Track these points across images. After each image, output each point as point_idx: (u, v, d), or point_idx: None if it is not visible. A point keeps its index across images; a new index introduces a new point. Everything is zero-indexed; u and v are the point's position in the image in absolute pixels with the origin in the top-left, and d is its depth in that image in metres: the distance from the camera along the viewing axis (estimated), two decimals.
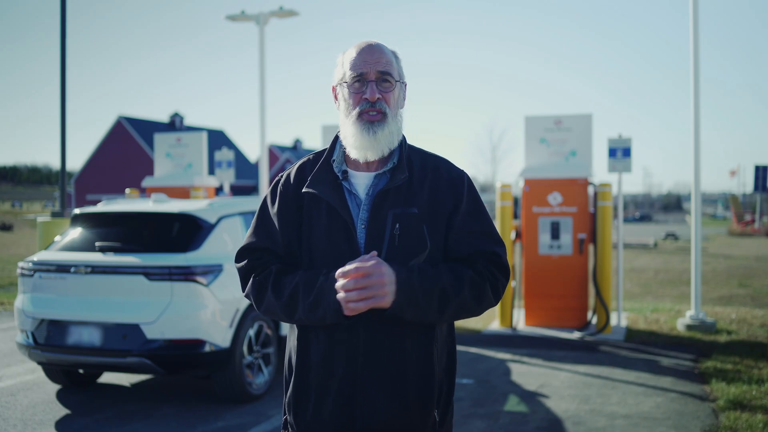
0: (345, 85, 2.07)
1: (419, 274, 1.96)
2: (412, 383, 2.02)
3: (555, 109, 60.43)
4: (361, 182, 2.09)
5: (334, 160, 2.13)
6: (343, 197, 2.07)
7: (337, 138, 2.18)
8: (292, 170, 2.18)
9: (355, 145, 2.05)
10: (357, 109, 2.05)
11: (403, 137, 2.15)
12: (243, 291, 2.17)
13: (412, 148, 2.17)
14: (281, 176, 2.20)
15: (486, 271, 2.06)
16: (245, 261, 2.16)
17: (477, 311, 2.06)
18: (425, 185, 2.09)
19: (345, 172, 2.10)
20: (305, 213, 2.09)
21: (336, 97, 2.15)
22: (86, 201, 49.62)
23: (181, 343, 5.58)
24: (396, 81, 2.08)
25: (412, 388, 2.02)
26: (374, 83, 2.04)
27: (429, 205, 2.06)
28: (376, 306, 1.91)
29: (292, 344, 2.13)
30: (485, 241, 2.09)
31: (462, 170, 2.18)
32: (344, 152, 2.13)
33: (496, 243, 2.11)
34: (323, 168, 2.12)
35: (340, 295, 1.90)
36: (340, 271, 1.92)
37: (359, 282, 1.88)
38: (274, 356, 6.34)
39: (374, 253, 1.93)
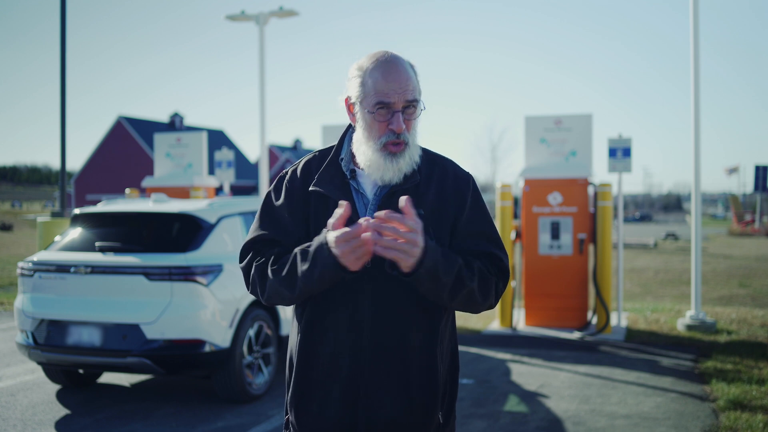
0: (367, 110, 1.99)
1: (442, 250, 1.92)
2: (417, 384, 2.02)
3: (555, 109, 60.45)
4: (369, 182, 2.08)
5: (342, 159, 2.11)
6: (351, 197, 2.06)
7: (344, 136, 2.15)
8: (298, 167, 2.16)
9: (376, 170, 2.02)
10: (383, 139, 1.99)
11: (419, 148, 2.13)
12: (247, 286, 2.11)
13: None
14: (286, 173, 2.17)
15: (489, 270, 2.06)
16: (249, 254, 2.10)
17: (480, 305, 2.04)
18: (432, 187, 2.08)
19: (353, 172, 2.09)
20: (312, 211, 2.07)
21: (350, 109, 2.07)
22: (86, 201, 49.62)
23: (181, 343, 5.57)
24: (420, 107, 2.03)
25: (417, 389, 2.02)
26: (401, 113, 1.98)
27: (435, 207, 2.06)
28: (398, 260, 1.82)
29: (294, 343, 2.12)
30: (487, 244, 2.09)
31: (467, 172, 2.17)
32: (352, 151, 2.11)
33: (497, 247, 2.10)
34: (331, 166, 2.10)
35: (367, 234, 1.82)
36: (373, 219, 1.83)
37: (397, 231, 1.81)
38: (274, 356, 6.34)
39: (347, 207, 1.86)
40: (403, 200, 1.84)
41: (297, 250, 1.98)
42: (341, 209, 1.87)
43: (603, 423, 5.48)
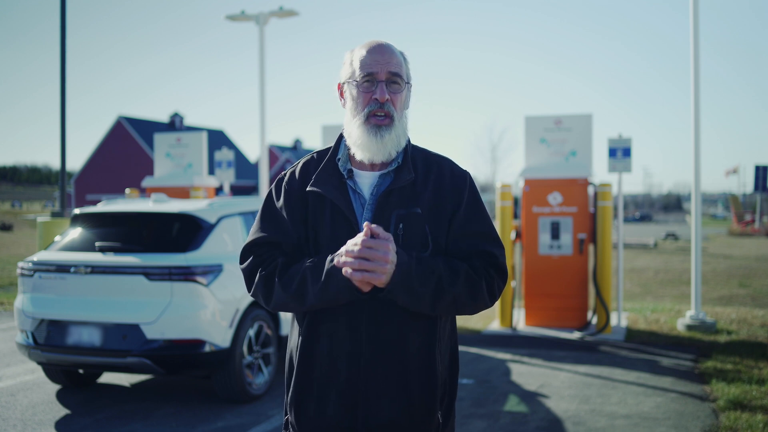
0: (354, 83, 2.06)
1: (417, 260, 1.96)
2: (416, 384, 2.01)
3: (555, 109, 60.42)
4: (366, 182, 2.09)
5: (339, 159, 2.12)
6: (348, 197, 2.06)
7: (341, 136, 2.16)
8: (297, 168, 2.17)
9: (362, 147, 2.05)
10: (366, 110, 2.04)
11: (407, 137, 2.15)
12: (249, 290, 2.12)
13: (415, 147, 2.17)
14: (284, 174, 2.18)
15: (482, 270, 2.05)
16: (251, 258, 2.11)
17: (471, 308, 2.04)
18: (428, 185, 2.08)
19: (350, 171, 2.09)
20: (310, 211, 2.08)
21: (342, 95, 2.14)
22: (86, 201, 49.62)
23: (181, 343, 5.57)
24: (405, 83, 2.08)
25: (416, 389, 2.01)
26: (384, 84, 2.03)
27: (432, 206, 2.06)
28: (371, 281, 1.89)
29: (293, 344, 2.12)
30: (483, 241, 2.09)
31: (465, 170, 2.17)
32: (349, 151, 2.12)
33: (494, 244, 2.10)
34: (328, 167, 2.11)
35: (340, 259, 1.90)
36: (350, 241, 1.91)
37: (363, 252, 1.86)
38: (274, 356, 6.34)
39: (381, 230, 1.90)
40: (365, 227, 1.89)
41: (306, 266, 2.00)
42: (363, 230, 1.91)
43: (603, 423, 5.48)
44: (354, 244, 1.89)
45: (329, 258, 1.96)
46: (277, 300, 2.04)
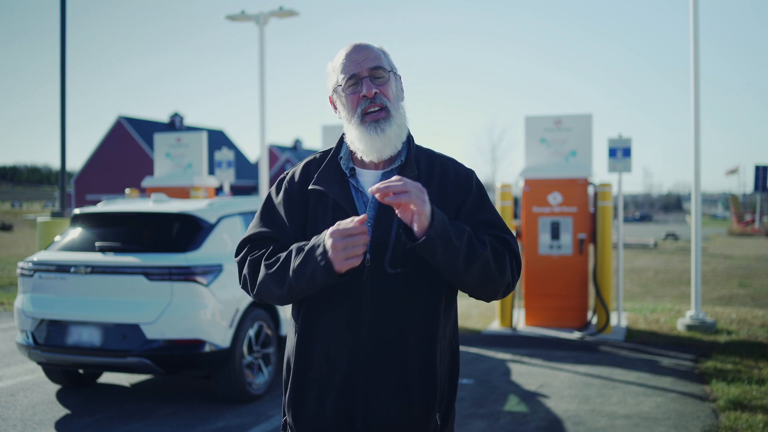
0: (340, 89, 2.05)
1: (449, 220, 1.89)
2: (416, 384, 2.00)
3: (555, 109, 60.43)
4: (368, 180, 2.07)
5: (341, 158, 2.11)
6: (350, 195, 2.05)
7: (343, 137, 2.16)
8: (298, 168, 2.17)
9: (366, 148, 2.02)
10: (358, 110, 2.02)
11: (411, 136, 2.13)
12: (239, 280, 2.12)
13: (419, 147, 2.15)
14: (286, 174, 2.18)
15: (503, 248, 2.01)
16: (245, 249, 2.11)
17: (498, 281, 1.97)
18: (432, 184, 2.06)
19: (352, 170, 2.09)
20: (311, 210, 2.07)
21: (335, 107, 2.13)
22: (86, 201, 49.62)
23: (181, 343, 5.57)
24: (389, 71, 2.07)
25: (416, 389, 2.00)
26: (368, 79, 2.03)
27: (436, 204, 2.03)
28: (413, 206, 1.78)
29: (291, 343, 2.10)
30: (494, 229, 2.06)
31: (470, 169, 2.16)
32: (351, 150, 2.11)
33: (505, 231, 2.07)
34: (330, 165, 2.10)
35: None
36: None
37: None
38: (274, 356, 6.34)
39: (365, 216, 1.84)
40: (395, 177, 1.82)
41: (293, 246, 1.98)
42: (358, 218, 1.83)
43: (603, 423, 5.48)
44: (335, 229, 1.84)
45: (315, 237, 1.93)
46: (259, 282, 2.01)
